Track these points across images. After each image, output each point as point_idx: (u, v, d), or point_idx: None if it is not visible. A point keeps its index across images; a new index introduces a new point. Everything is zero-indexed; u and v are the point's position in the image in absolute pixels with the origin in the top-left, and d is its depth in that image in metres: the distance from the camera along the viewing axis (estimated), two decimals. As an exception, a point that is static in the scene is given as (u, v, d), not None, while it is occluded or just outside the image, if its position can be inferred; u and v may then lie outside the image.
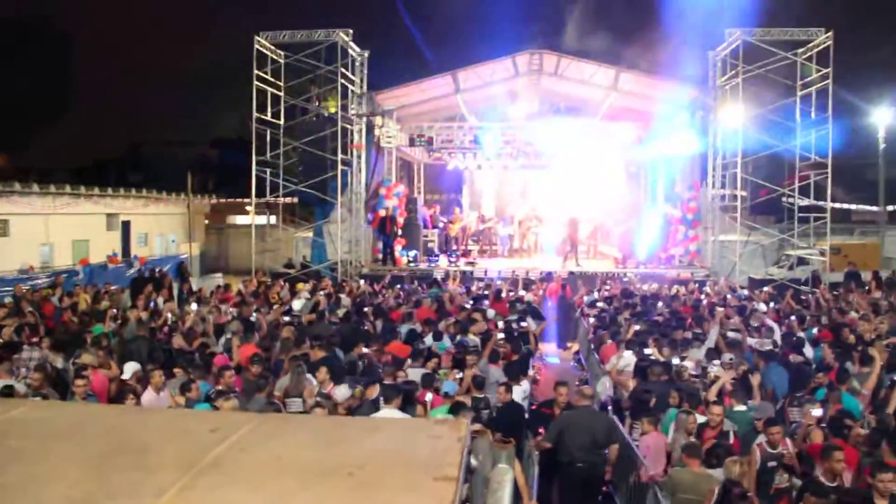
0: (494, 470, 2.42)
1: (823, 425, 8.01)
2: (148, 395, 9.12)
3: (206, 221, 43.34)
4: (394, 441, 2.22)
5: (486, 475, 2.25)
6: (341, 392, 8.72)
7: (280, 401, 9.02)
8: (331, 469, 1.99)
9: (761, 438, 7.70)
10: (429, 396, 9.14)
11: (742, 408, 8.93)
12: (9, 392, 8.72)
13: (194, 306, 15.86)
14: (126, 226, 34.46)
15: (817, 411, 8.32)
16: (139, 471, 1.97)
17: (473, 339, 13.02)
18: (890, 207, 30.78)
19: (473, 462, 2.03)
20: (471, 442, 2.25)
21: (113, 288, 19.31)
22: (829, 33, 21.34)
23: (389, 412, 8.20)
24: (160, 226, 37.37)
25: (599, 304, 17.62)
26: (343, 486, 1.90)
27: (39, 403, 3.48)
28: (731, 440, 7.95)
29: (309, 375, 9.61)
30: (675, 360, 11.33)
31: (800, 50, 21.79)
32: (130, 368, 10.29)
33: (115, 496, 1.83)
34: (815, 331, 13.71)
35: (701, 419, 8.38)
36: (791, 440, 7.79)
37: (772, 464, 7.36)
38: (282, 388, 9.55)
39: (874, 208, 31.52)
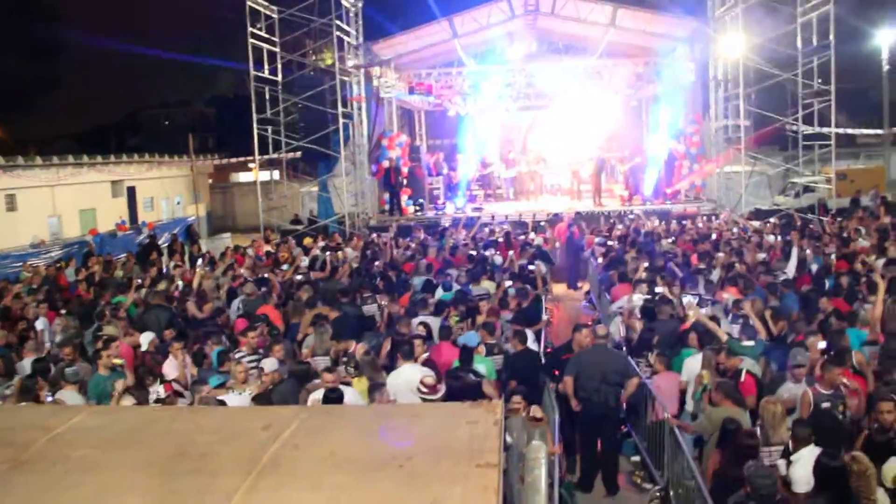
0: (529, 447, 2.55)
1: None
2: (169, 364, 9.33)
3: (210, 181, 43.33)
4: (435, 429, 2.35)
5: (520, 451, 2.38)
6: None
7: (308, 359, 9.27)
8: (382, 462, 2.11)
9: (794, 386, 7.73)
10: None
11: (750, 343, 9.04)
12: (43, 367, 8.92)
13: (207, 268, 15.97)
14: (131, 191, 34.56)
15: (821, 344, 8.40)
16: (203, 475, 2.10)
17: (483, 286, 13.04)
18: (895, 129, 30.57)
19: (508, 439, 2.15)
20: (504, 420, 2.36)
21: (122, 256, 19.46)
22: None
23: (410, 368, 8.35)
24: (165, 189, 37.45)
25: (610, 243, 17.64)
26: (396, 480, 2.03)
27: (95, 409, 3.62)
28: (743, 379, 8.06)
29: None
30: (686, 298, 11.45)
31: (799, -26, 21.42)
32: (146, 339, 10.47)
33: (186, 502, 1.95)
34: (822, 259, 13.77)
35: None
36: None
37: (826, 405, 7.23)
38: (308, 346, 9.77)
39: (879, 131, 31.31)
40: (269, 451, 2.21)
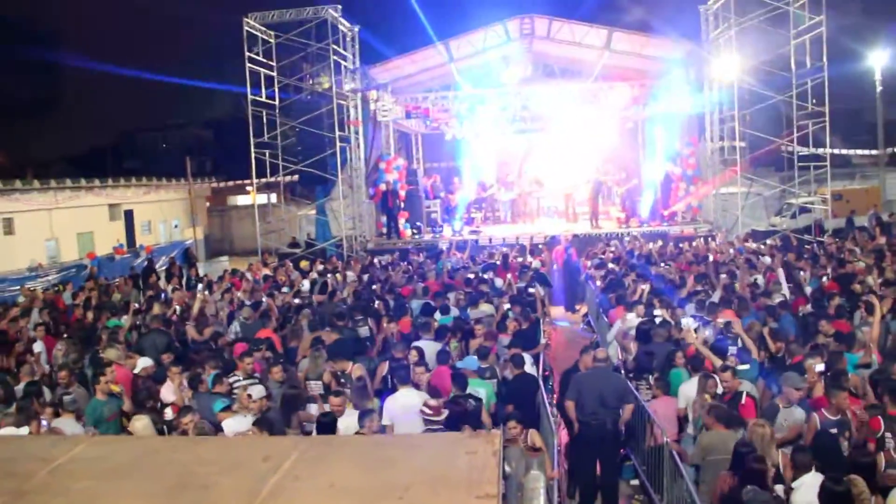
0: (528, 476, 2.56)
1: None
2: (166, 389, 9.30)
3: (208, 204, 43.38)
4: (433, 459, 2.36)
5: (519, 480, 2.39)
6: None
7: (302, 382, 9.30)
8: (381, 493, 2.12)
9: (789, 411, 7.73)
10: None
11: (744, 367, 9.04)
12: (36, 390, 8.92)
13: (206, 292, 15.93)
14: (129, 215, 34.60)
15: (819, 366, 8.40)
16: (204, 507, 2.11)
17: (482, 309, 12.99)
18: (889, 150, 30.76)
19: (507, 469, 2.17)
20: (503, 450, 2.37)
21: (118, 280, 19.46)
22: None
23: (406, 392, 8.34)
24: (163, 212, 37.50)
25: (611, 266, 17.64)
26: (395, 512, 2.03)
27: (95, 440, 3.62)
28: (743, 401, 8.05)
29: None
30: (684, 321, 11.43)
31: (791, -2, 21.66)
32: (142, 364, 10.44)
33: (188, 535, 1.96)
34: (822, 280, 13.81)
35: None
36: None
37: (833, 430, 7.13)
38: (303, 370, 9.78)
39: (873, 152, 31.48)
40: (270, 483, 2.23)
